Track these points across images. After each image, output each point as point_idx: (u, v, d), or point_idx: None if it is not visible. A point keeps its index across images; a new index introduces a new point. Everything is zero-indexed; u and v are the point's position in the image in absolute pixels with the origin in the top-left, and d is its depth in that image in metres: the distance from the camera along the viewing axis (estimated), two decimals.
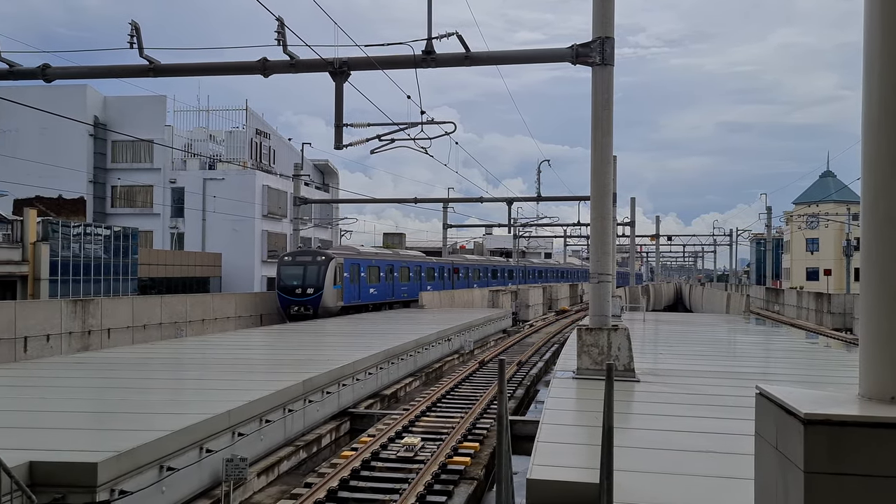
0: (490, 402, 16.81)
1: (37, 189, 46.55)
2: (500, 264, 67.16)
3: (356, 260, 37.52)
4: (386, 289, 41.59)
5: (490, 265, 64.35)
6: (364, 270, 38.37)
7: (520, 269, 69.31)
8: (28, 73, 16.72)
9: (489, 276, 63.62)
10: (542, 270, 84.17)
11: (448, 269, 53.80)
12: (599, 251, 13.89)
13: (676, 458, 8.00)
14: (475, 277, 59.40)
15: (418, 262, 48.09)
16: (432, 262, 51.57)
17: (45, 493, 7.64)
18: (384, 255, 43.16)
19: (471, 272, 58.69)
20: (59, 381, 13.77)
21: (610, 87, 13.75)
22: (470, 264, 59.65)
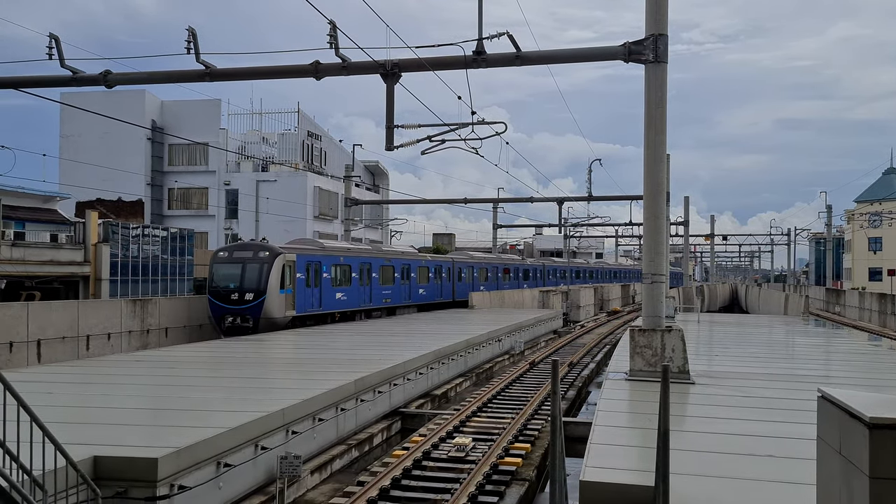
0: (541, 402, 16.73)
1: (98, 192, 47.98)
2: (511, 263, 56.79)
3: (315, 256, 29.14)
4: (359, 294, 32.67)
5: (501, 263, 54.31)
6: (328, 270, 29.90)
7: (537, 268, 64.05)
8: (90, 79, 17.23)
9: (499, 275, 53.66)
10: (562, 270, 70.62)
11: (447, 267, 45.05)
12: (652, 251, 13.69)
13: (734, 462, 7.84)
14: (481, 278, 49.81)
15: (407, 261, 38.89)
16: (426, 260, 42.69)
17: (109, 487, 7.87)
18: (359, 252, 33.92)
19: (476, 272, 48.99)
20: (120, 378, 14.16)
21: (663, 84, 13.55)
22: (476, 263, 49.87)
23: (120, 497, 7.93)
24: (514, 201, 51.54)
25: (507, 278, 53.90)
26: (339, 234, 50.65)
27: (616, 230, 73.23)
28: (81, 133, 51.20)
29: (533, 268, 61.93)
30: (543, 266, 65.11)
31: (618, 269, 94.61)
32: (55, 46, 16.53)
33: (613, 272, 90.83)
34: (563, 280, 63.68)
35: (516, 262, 58.85)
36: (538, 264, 64.78)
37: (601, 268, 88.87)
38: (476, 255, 52.34)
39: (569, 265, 67.09)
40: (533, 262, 64.26)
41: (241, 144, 56.58)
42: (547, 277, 64.09)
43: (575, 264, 74.52)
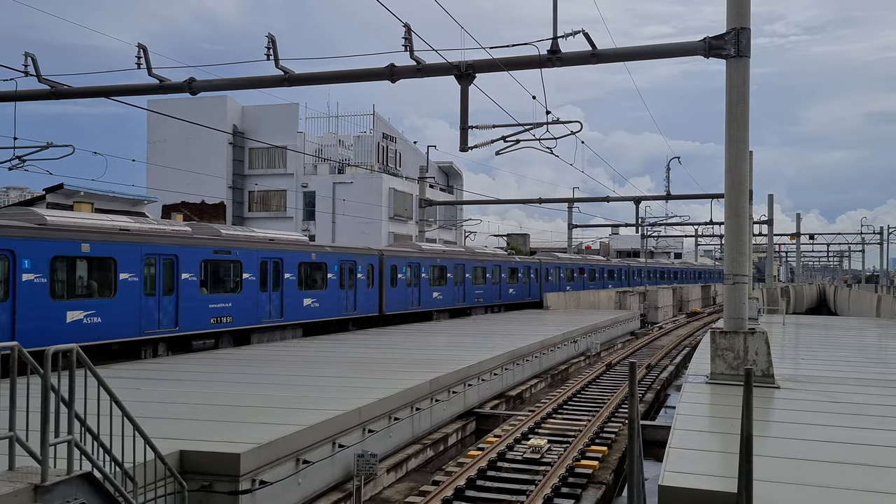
0: (618, 405, 16.47)
1: (182, 195, 49.73)
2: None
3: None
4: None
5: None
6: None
7: (622, 268, 62.17)
8: (176, 87, 17.85)
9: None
10: (646, 271, 67.27)
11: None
12: (735, 251, 13.30)
13: (821, 470, 7.54)
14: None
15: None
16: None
17: (194, 481, 8.15)
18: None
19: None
20: (203, 375, 14.63)
21: (745, 79, 13.15)
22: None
23: (205, 490, 8.19)
24: (589, 201, 50.81)
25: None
26: (413, 235, 51.05)
27: (696, 230, 71.51)
28: (167, 138, 53.15)
29: (617, 268, 61.33)
30: (629, 267, 64.28)
31: (701, 269, 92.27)
32: (143, 56, 17.20)
33: (698, 272, 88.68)
34: (647, 281, 62.50)
35: (601, 263, 58.89)
36: (623, 265, 63.94)
37: (686, 268, 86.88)
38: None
39: (657, 266, 65.95)
40: (617, 263, 63.59)
41: (318, 147, 57.67)
42: (632, 278, 63.24)
43: (660, 265, 73.01)
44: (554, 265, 46.81)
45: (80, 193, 29.99)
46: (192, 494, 8.08)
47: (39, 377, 6.13)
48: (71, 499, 6.12)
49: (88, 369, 6.57)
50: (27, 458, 6.06)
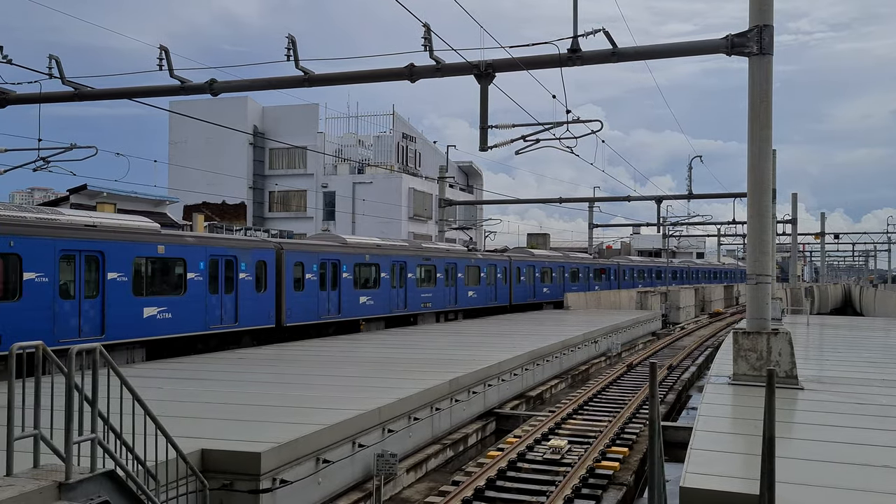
0: (639, 406, 16.37)
1: (204, 195, 50.12)
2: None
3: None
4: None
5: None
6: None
7: (651, 268, 64.99)
8: (197, 88, 17.98)
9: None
10: (680, 271, 69.71)
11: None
12: (757, 251, 13.17)
13: (845, 472, 7.44)
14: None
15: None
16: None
17: (215, 479, 8.20)
18: None
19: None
20: (224, 374, 14.72)
21: (768, 77, 13.02)
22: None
23: (226, 489, 8.24)
24: (610, 200, 50.57)
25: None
26: (433, 235, 51.10)
27: (718, 229, 70.97)
28: (188, 139, 53.59)
29: (647, 268, 61.48)
30: (676, 268, 64.71)
31: (716, 269, 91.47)
32: (165, 57, 17.34)
33: (713, 272, 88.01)
34: (653, 281, 62.26)
35: (659, 264, 60.45)
36: (645, 264, 63.83)
37: (703, 267, 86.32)
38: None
39: (692, 266, 65.74)
40: (640, 262, 63.69)
41: (337, 147, 57.88)
42: (652, 277, 63.02)
43: (686, 265, 72.96)
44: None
45: (102, 194, 30.32)
46: (213, 493, 8.13)
47: (64, 376, 6.19)
48: (94, 496, 6.18)
49: (111, 368, 6.63)
50: (52, 455, 6.12)
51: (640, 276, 60.64)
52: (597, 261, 55.14)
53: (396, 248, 29.46)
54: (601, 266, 53.38)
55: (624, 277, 56.18)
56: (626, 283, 55.74)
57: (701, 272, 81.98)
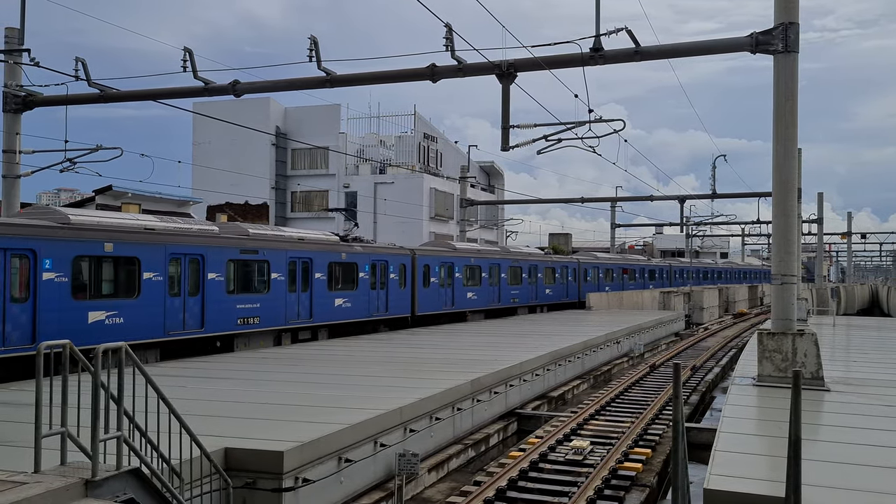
0: (662, 407, 16.27)
1: (226, 196, 50.48)
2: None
3: None
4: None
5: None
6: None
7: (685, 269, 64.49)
8: (220, 89, 18.15)
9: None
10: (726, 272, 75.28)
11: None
12: (783, 251, 13.04)
13: (873, 476, 7.34)
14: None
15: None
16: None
17: (238, 478, 8.26)
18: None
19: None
20: (247, 373, 14.83)
21: (794, 75, 12.88)
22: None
23: (249, 487, 8.30)
24: (632, 200, 50.30)
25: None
26: (454, 235, 51.08)
27: (742, 229, 70.31)
28: (212, 140, 54.01)
29: (652, 268, 61.23)
30: (725, 269, 65.96)
31: (739, 269, 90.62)
32: (189, 59, 17.50)
33: (743, 272, 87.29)
34: (676, 281, 62.32)
35: (641, 263, 60.86)
36: (664, 265, 63.83)
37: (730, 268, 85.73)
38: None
39: (735, 267, 66.39)
40: (659, 263, 63.77)
41: (359, 148, 58.06)
42: (674, 278, 63.04)
43: (702, 265, 73.17)
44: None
45: (127, 195, 30.65)
46: (236, 491, 8.19)
47: (90, 375, 6.27)
48: (120, 493, 6.25)
49: (137, 367, 6.71)
50: (79, 453, 6.20)
51: (690, 276, 65.47)
52: (650, 262, 60.62)
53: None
54: (652, 267, 59.02)
55: (675, 277, 61.76)
56: (677, 282, 61.45)
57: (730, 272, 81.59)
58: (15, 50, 18.30)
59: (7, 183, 18.80)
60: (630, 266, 53.72)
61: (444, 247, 32.69)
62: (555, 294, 41.45)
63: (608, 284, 49.02)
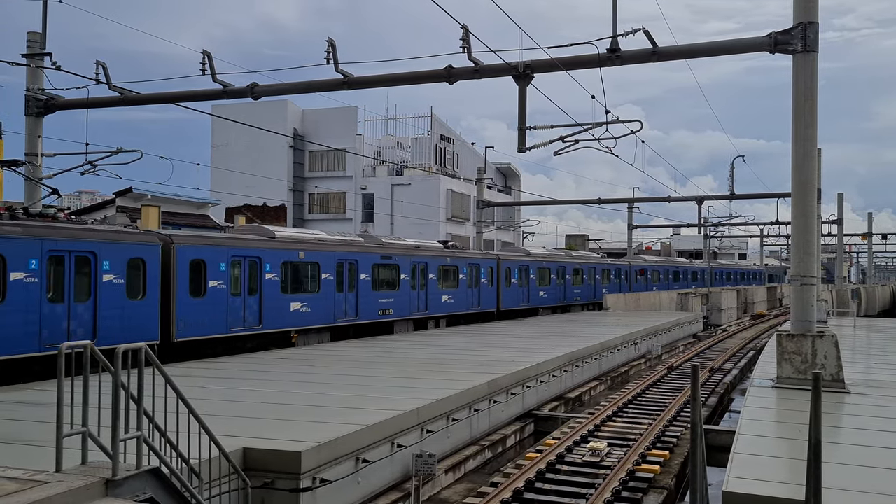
0: (680, 409, 16.18)
1: (244, 198, 50.78)
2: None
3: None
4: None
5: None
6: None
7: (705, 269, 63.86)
8: (239, 92, 18.27)
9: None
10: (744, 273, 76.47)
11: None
12: (802, 252, 12.93)
13: (894, 478, 7.26)
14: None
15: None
16: None
17: (256, 477, 8.31)
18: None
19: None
20: (265, 374, 14.91)
21: (813, 75, 12.78)
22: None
23: (267, 487, 8.35)
24: (650, 201, 50.07)
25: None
26: (471, 237, 51.08)
27: (761, 230, 69.76)
28: (230, 142, 54.36)
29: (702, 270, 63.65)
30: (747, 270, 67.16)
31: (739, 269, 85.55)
32: (208, 62, 17.63)
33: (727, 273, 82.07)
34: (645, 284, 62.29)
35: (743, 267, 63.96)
36: (682, 265, 64.04)
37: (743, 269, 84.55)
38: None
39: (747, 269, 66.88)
40: (680, 262, 64.52)
41: (376, 149, 58.22)
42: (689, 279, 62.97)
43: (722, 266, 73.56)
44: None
45: (147, 197, 30.91)
46: (254, 491, 8.24)
47: (110, 375, 6.33)
48: (140, 493, 6.31)
49: (156, 367, 6.77)
50: (99, 452, 6.27)
51: (728, 277, 69.52)
52: (693, 263, 64.94)
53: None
54: (694, 269, 63.02)
55: (716, 277, 64.80)
56: (717, 282, 64.85)
57: None
58: (37, 54, 18.51)
59: (30, 185, 19.02)
60: (675, 268, 58.76)
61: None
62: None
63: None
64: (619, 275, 48.40)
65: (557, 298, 39.17)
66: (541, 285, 37.15)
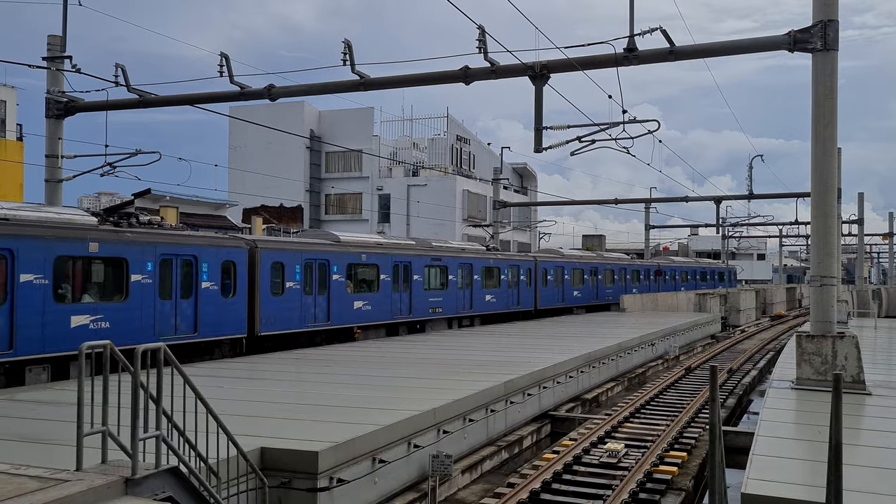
0: (698, 410, 16.08)
1: (262, 198, 51.05)
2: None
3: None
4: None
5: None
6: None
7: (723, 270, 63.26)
8: (256, 93, 18.36)
9: None
10: None
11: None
12: (822, 252, 12.81)
13: None
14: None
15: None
16: None
17: (274, 477, 8.34)
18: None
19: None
20: (282, 374, 14.98)
21: (833, 73, 12.66)
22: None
23: (284, 487, 8.38)
24: (667, 201, 49.72)
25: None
26: (487, 237, 51.04)
27: (780, 230, 69.17)
28: (247, 144, 54.64)
29: None
30: None
31: None
32: (225, 64, 17.74)
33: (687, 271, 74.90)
34: None
35: None
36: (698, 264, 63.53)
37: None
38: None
39: None
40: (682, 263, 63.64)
41: (392, 150, 58.30)
42: None
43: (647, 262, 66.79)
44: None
45: (165, 198, 31.15)
46: (272, 490, 8.27)
47: (130, 374, 6.39)
48: (159, 492, 6.36)
49: (175, 367, 6.82)
50: (119, 451, 6.32)
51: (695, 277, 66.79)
52: None
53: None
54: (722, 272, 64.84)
55: None
56: None
57: None
58: (57, 57, 18.70)
59: (50, 187, 19.22)
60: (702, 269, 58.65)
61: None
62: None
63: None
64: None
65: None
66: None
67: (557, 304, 36.73)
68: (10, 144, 29.86)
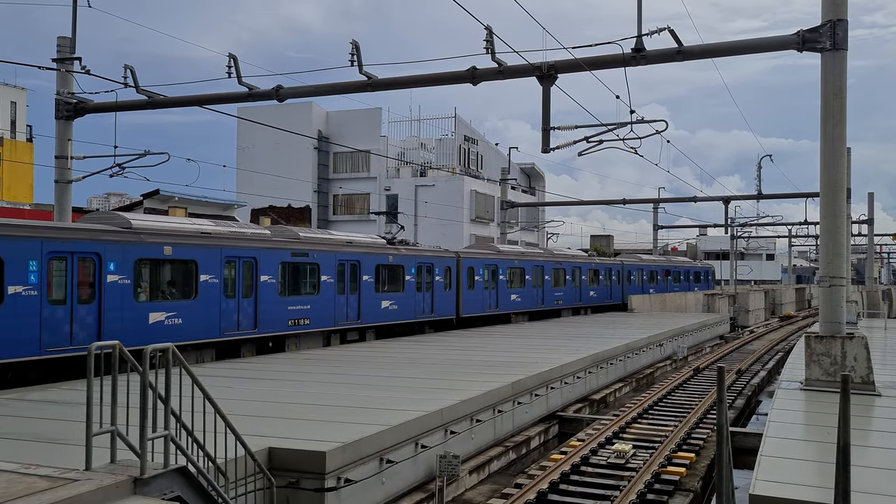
0: (706, 411, 16.04)
1: (270, 199, 51.12)
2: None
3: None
4: None
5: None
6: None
7: None
8: (264, 94, 18.39)
9: None
10: None
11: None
12: (831, 252, 12.76)
13: None
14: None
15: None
16: None
17: (282, 477, 8.37)
18: None
19: None
20: (290, 375, 15.01)
21: (842, 73, 12.60)
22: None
23: (292, 487, 8.40)
24: (675, 201, 49.62)
25: None
26: (495, 237, 51.00)
27: (789, 230, 68.84)
28: (255, 144, 54.75)
29: None
30: None
31: None
32: (233, 65, 17.78)
33: None
34: None
35: None
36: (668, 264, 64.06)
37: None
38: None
39: None
40: None
41: (400, 151, 58.31)
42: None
43: None
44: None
45: (174, 199, 31.24)
46: (280, 490, 8.30)
47: (138, 375, 6.42)
48: (167, 491, 6.39)
49: (183, 368, 6.84)
50: (127, 451, 6.35)
51: None
52: None
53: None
54: None
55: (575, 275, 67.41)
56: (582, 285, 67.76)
57: None
58: (67, 58, 18.78)
59: (59, 188, 19.31)
60: None
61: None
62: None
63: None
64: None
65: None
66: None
67: (489, 310, 30.11)
68: (21, 145, 30.01)
